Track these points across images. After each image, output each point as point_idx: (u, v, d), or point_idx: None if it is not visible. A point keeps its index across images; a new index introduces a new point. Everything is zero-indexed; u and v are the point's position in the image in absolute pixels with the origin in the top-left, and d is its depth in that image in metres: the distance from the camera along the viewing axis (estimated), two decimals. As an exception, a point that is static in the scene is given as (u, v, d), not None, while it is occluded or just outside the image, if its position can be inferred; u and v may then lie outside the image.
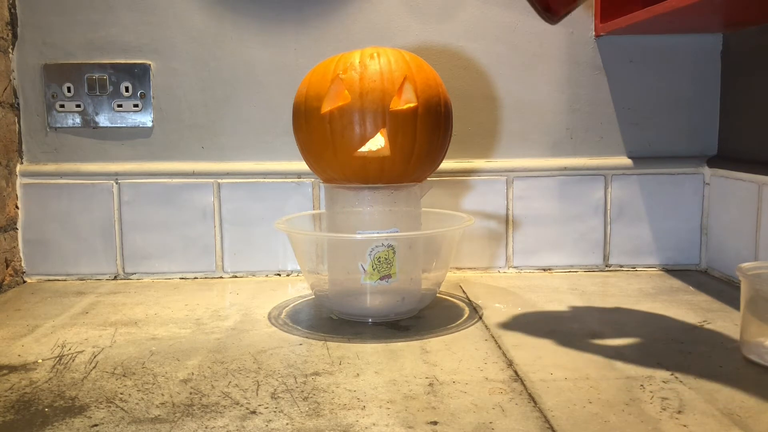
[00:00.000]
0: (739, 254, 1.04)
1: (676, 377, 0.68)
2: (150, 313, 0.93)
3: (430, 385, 0.67)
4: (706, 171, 1.13)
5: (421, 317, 0.89)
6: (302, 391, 0.65)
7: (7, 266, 1.09)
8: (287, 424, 0.59)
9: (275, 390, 0.66)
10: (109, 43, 1.10)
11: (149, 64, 1.11)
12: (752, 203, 1.00)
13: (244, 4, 1.11)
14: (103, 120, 1.11)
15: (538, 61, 1.13)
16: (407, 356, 0.75)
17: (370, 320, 0.87)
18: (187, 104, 1.12)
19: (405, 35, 1.11)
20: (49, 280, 1.13)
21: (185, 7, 1.10)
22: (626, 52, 1.13)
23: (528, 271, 1.16)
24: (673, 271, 1.15)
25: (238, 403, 0.63)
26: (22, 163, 1.12)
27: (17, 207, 1.12)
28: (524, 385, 0.66)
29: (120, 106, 1.11)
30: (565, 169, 1.14)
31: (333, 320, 0.89)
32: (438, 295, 0.97)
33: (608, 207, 1.14)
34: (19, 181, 1.11)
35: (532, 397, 0.63)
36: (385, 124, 0.81)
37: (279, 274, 1.15)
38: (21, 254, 1.12)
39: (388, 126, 0.81)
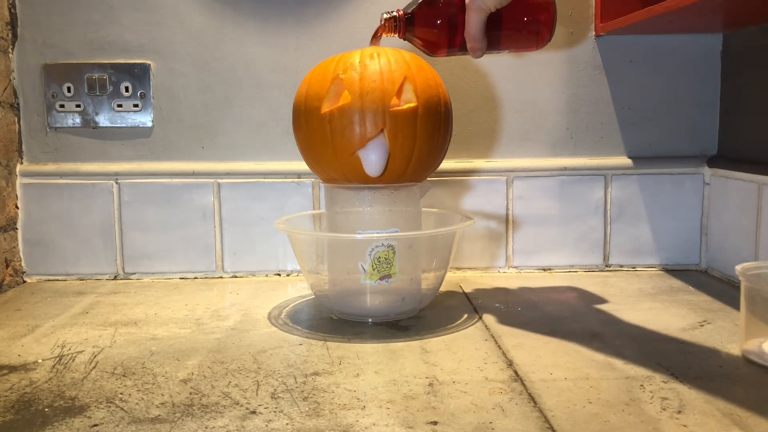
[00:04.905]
0: (739, 254, 1.04)
1: (676, 377, 0.68)
2: (150, 313, 0.93)
3: (430, 385, 0.67)
4: (706, 171, 1.13)
5: (421, 317, 0.89)
6: (302, 391, 0.65)
7: (7, 266, 1.09)
8: (287, 424, 0.59)
9: (275, 390, 0.66)
10: (109, 43, 1.10)
11: (149, 64, 1.11)
12: (752, 203, 1.00)
13: (245, 4, 1.11)
14: (103, 120, 1.11)
15: (538, 61, 1.13)
16: (407, 356, 0.75)
17: (370, 320, 0.87)
18: (187, 104, 1.12)
19: (405, 35, 1.11)
20: (49, 280, 1.13)
21: (185, 6, 1.10)
22: (626, 52, 1.13)
23: (528, 271, 1.16)
24: (673, 271, 1.15)
25: (238, 403, 0.63)
26: (22, 163, 1.12)
27: (17, 207, 1.12)
28: (524, 385, 0.66)
29: (120, 106, 1.11)
30: (565, 169, 1.14)
31: (333, 320, 0.89)
32: (438, 295, 0.97)
33: (608, 207, 1.14)
34: (19, 181, 1.11)
35: (532, 397, 0.63)
36: (385, 124, 0.81)
37: (279, 274, 1.15)
38: (21, 254, 1.12)
39: (388, 126, 0.81)
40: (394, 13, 0.83)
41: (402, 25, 0.83)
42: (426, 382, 0.67)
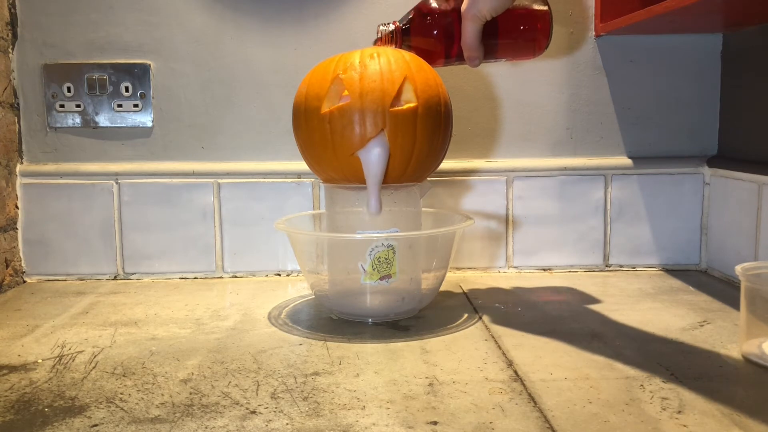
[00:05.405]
0: (739, 254, 1.04)
1: (676, 377, 0.68)
2: (150, 313, 0.93)
3: (430, 385, 0.67)
4: (706, 171, 1.13)
5: (421, 317, 0.89)
6: (302, 391, 0.65)
7: (7, 266, 1.09)
8: (287, 424, 0.59)
9: (275, 390, 0.66)
10: (109, 43, 1.10)
11: (149, 64, 1.11)
12: (752, 203, 1.00)
13: (245, 4, 1.11)
14: (103, 120, 1.11)
15: (538, 61, 1.13)
16: (407, 356, 0.75)
17: (370, 320, 0.87)
18: (187, 104, 1.12)
19: (405, 35, 1.11)
20: (49, 280, 1.13)
21: (185, 6, 1.10)
22: (626, 52, 1.13)
23: (528, 271, 1.15)
24: (673, 271, 1.15)
25: (238, 403, 0.63)
26: (22, 163, 1.12)
27: (17, 207, 1.12)
28: (524, 385, 0.66)
29: (120, 106, 1.11)
30: (565, 169, 1.14)
31: (333, 320, 0.89)
32: (438, 295, 0.97)
33: (608, 207, 1.14)
34: (19, 181, 1.11)
35: (532, 397, 0.63)
36: (385, 124, 0.81)
37: (279, 274, 1.15)
38: (21, 254, 1.12)
39: (388, 126, 0.81)
40: (391, 26, 0.84)
41: (398, 36, 0.84)
42: (426, 382, 0.67)
